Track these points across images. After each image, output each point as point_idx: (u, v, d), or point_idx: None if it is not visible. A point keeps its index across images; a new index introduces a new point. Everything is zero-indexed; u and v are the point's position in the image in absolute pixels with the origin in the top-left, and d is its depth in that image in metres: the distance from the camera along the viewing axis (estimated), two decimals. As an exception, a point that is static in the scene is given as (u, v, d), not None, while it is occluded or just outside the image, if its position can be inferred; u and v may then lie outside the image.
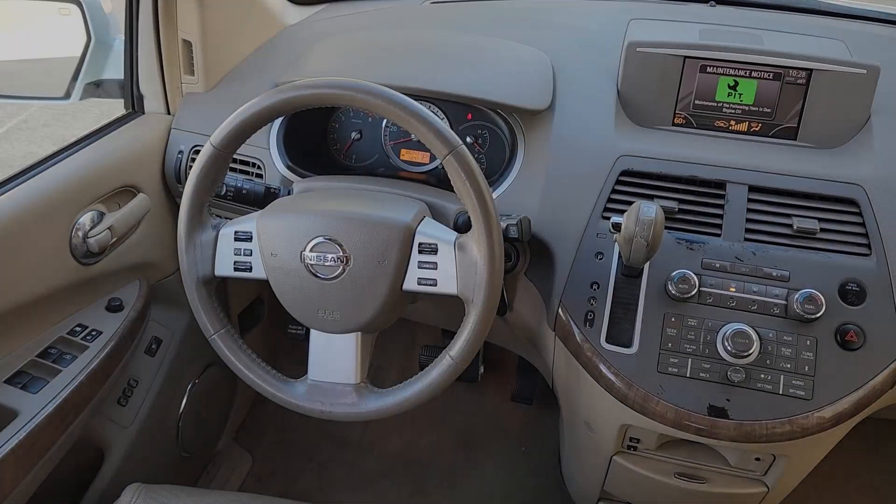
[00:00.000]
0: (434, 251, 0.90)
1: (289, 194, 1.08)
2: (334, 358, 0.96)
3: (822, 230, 1.02)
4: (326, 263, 0.90)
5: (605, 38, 1.30)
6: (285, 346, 1.96)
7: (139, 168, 1.25)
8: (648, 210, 0.89)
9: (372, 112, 0.88)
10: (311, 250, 0.90)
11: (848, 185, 1.04)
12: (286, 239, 0.92)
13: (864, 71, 1.10)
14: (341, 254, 0.90)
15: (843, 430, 1.02)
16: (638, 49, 1.15)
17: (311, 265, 0.91)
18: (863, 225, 1.01)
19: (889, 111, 1.14)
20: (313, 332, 0.96)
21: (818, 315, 0.94)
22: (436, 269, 0.90)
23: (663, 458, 1.11)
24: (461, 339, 0.89)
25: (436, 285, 0.91)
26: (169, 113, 1.34)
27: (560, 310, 1.02)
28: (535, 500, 1.76)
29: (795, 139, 1.14)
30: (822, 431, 0.94)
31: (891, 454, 1.89)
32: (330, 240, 0.90)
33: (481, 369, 1.27)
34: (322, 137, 1.33)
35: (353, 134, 1.32)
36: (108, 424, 1.28)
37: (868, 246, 1.00)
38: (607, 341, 0.99)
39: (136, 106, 1.33)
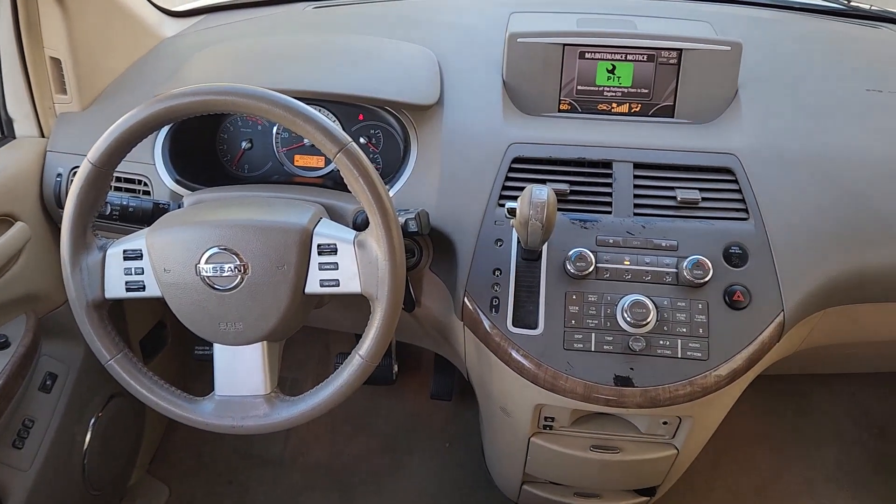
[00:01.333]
0: (334, 251, 0.90)
1: (179, 208, 1.05)
2: (241, 370, 0.93)
3: (704, 199, 1.07)
4: (224, 274, 0.88)
5: (487, 32, 1.33)
6: (194, 369, 1.89)
7: (14, 196, 1.19)
8: (540, 193, 0.92)
9: (257, 116, 0.87)
10: (206, 262, 0.88)
11: (723, 156, 1.11)
12: (179, 253, 0.89)
13: (729, 48, 1.16)
14: (238, 263, 0.88)
15: (739, 386, 1.07)
16: (519, 40, 1.18)
17: (208, 277, 0.88)
18: (739, 192, 1.08)
19: (754, 84, 1.22)
20: (217, 347, 0.94)
21: (707, 279, 0.99)
22: (337, 269, 0.90)
23: (578, 434, 1.14)
24: (369, 336, 0.89)
25: (339, 286, 0.90)
26: (43, 135, 1.27)
27: (466, 299, 1.03)
28: (463, 494, 1.77)
29: (673, 116, 1.19)
30: (720, 389, 0.99)
31: (787, 410, 2.02)
32: (225, 249, 0.88)
33: (395, 367, 1.27)
34: (211, 149, 1.30)
35: (244, 143, 1.29)
36: (2, 469, 1.20)
37: (746, 210, 1.06)
38: (514, 325, 1.01)
39: (4, 131, 1.26)
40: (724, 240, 1.04)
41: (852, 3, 1.63)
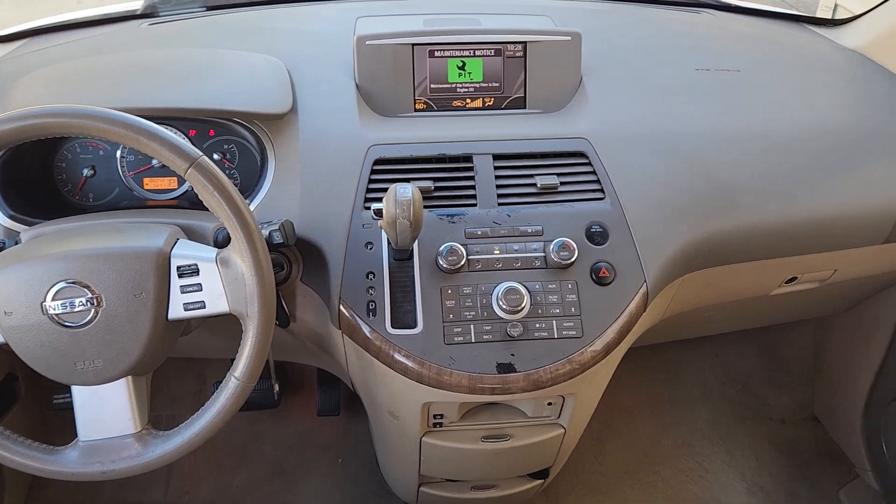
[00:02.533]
0: (195, 272, 0.85)
1: (16, 245, 0.96)
2: (106, 410, 0.87)
3: (562, 183, 1.11)
4: (75, 310, 0.81)
5: (335, 38, 1.32)
6: (56, 421, 1.74)
7: None
8: (405, 191, 0.91)
9: (96, 139, 0.81)
10: (53, 299, 0.81)
11: (575, 140, 1.15)
12: (20, 292, 0.81)
13: (569, 38, 1.21)
14: (90, 295, 0.81)
15: (614, 360, 1.12)
16: (367, 42, 1.17)
17: (57, 315, 0.81)
18: (594, 173, 1.12)
19: (596, 71, 1.28)
20: (76, 389, 0.86)
21: (573, 260, 1.02)
22: (201, 290, 0.85)
23: (468, 427, 1.14)
24: (243, 356, 0.85)
25: (205, 307, 0.86)
26: None
27: (341, 306, 1.01)
28: (362, 508, 1.75)
29: (525, 107, 1.23)
30: (597, 364, 1.02)
31: (660, 378, 2.13)
32: (74, 283, 0.81)
33: (276, 388, 1.23)
34: (49, 179, 1.20)
35: (86, 171, 1.21)
36: None
37: (602, 191, 1.11)
38: (393, 326, 1.00)
39: None
40: (585, 220, 1.08)
41: (674, -8, 1.75)
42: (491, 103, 1.22)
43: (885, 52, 1.46)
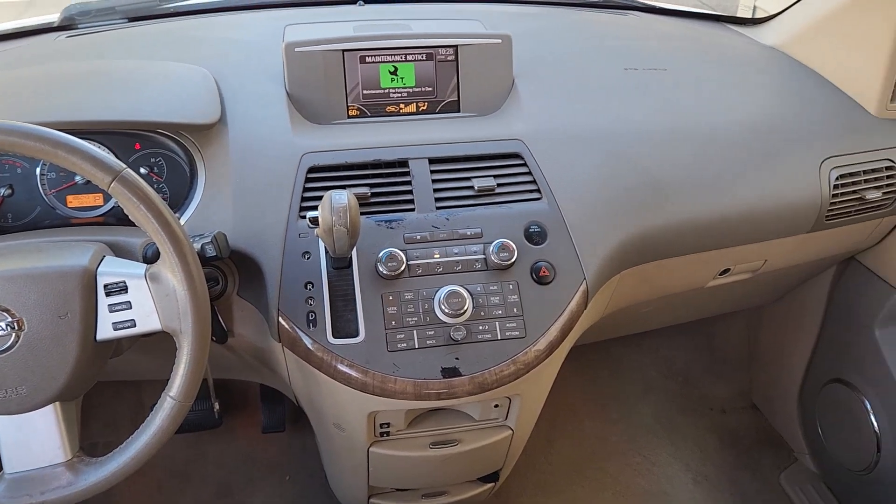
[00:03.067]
0: (124, 289, 0.82)
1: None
2: (33, 440, 0.82)
3: (500, 185, 1.11)
4: None
5: (264, 46, 1.29)
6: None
7: None
8: (340, 198, 0.90)
9: (10, 156, 0.77)
10: (-32, 325, 0.76)
11: (510, 142, 1.16)
12: (-69, 321, 0.76)
13: (500, 40, 1.22)
14: (10, 319, 0.77)
15: (558, 358, 1.12)
16: (296, 49, 1.15)
17: None
18: (530, 174, 1.13)
19: (528, 73, 1.29)
20: None
21: (513, 260, 1.03)
22: (130, 308, 0.82)
23: (416, 434, 1.13)
24: (179, 373, 0.82)
25: (135, 326, 0.82)
26: None
27: (280, 318, 0.99)
28: (311, 525, 1.71)
29: (459, 111, 1.23)
30: (541, 363, 1.02)
31: (604, 375, 2.16)
32: None
33: (216, 406, 1.19)
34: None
35: (3, 190, 1.15)
36: None
37: (538, 191, 1.12)
38: (334, 336, 0.98)
39: None
40: (524, 220, 1.08)
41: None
42: (425, 108, 1.22)
43: (801, 49, 1.51)
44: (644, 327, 1.81)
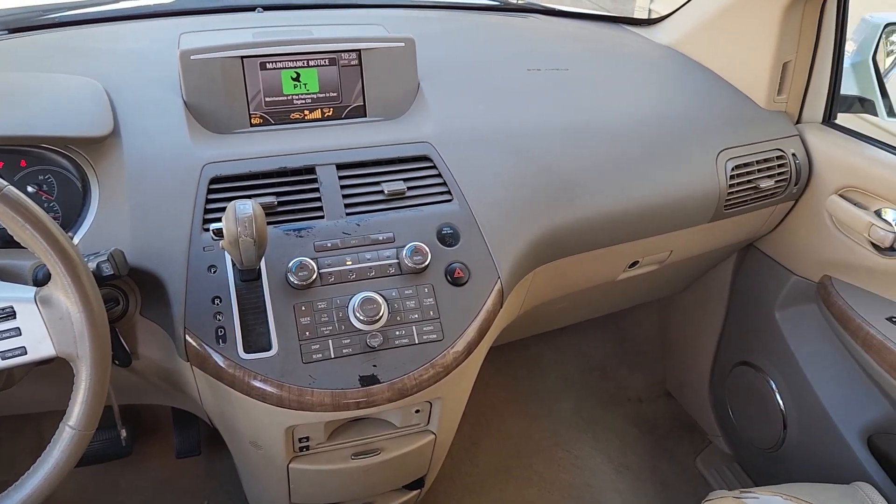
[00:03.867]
0: (11, 315, 0.76)
1: None
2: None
3: (410, 188, 1.10)
4: None
5: (159, 55, 1.24)
6: None
7: None
8: (244, 207, 0.87)
9: None
10: None
11: (418, 145, 1.15)
12: None
13: (403, 44, 1.21)
14: None
15: (476, 359, 1.12)
16: (192, 57, 1.11)
17: None
18: (439, 176, 1.13)
19: (433, 76, 1.28)
20: None
21: (427, 263, 1.02)
22: (20, 335, 0.77)
23: (337, 446, 1.11)
24: (77, 401, 0.77)
25: (26, 353, 0.77)
26: None
27: (187, 336, 0.95)
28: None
29: (366, 116, 1.21)
30: (460, 365, 1.02)
31: (524, 373, 2.19)
32: None
33: (123, 434, 1.12)
34: None
35: None
36: None
37: (449, 192, 1.11)
38: (246, 351, 0.94)
39: None
40: (436, 223, 1.08)
41: (502, 0, 1.81)
42: (330, 114, 1.20)
43: (693, 47, 1.58)
44: (560, 323, 1.84)
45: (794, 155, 1.42)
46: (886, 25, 1.41)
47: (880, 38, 1.42)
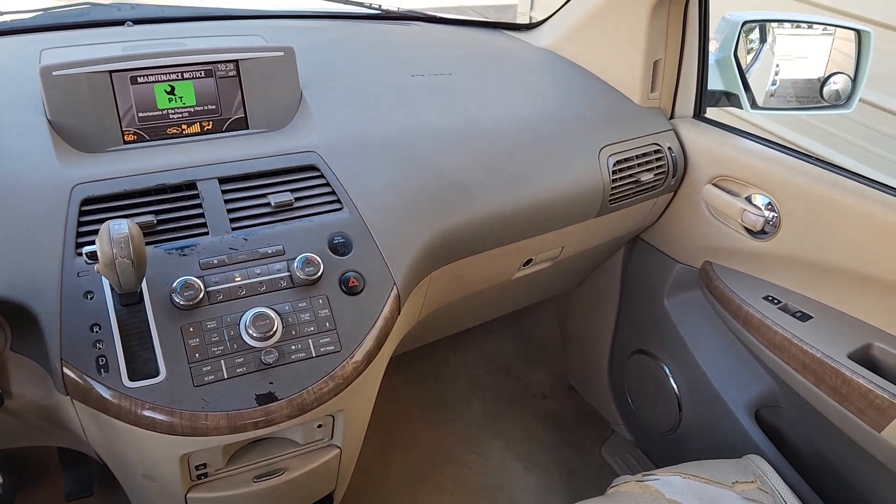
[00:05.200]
0: None
1: None
2: None
3: (298, 199, 1.08)
4: None
5: (18, 73, 1.17)
6: None
7: None
8: (119, 228, 0.83)
9: None
10: None
11: (304, 154, 1.13)
12: None
13: (282, 53, 1.19)
14: None
15: (379, 368, 1.11)
16: (55, 73, 1.05)
17: None
18: (328, 185, 1.11)
19: (316, 85, 1.27)
20: None
21: (320, 274, 1.00)
22: None
23: (237, 470, 1.06)
24: None
25: None
26: None
27: (65, 369, 0.89)
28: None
29: (248, 128, 1.18)
30: (361, 375, 1.00)
31: (431, 379, 2.19)
32: None
33: (0, 481, 1.04)
34: None
35: None
36: None
37: (338, 201, 1.10)
38: (131, 379, 0.89)
39: None
40: (327, 232, 1.06)
41: (384, 7, 1.81)
42: (210, 127, 1.16)
43: (570, 48, 1.63)
44: (463, 325, 1.85)
45: (669, 148, 1.49)
46: (744, 23, 1.50)
47: (739, 36, 1.51)
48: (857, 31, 1.57)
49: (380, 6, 1.83)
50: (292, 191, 1.09)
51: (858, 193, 1.23)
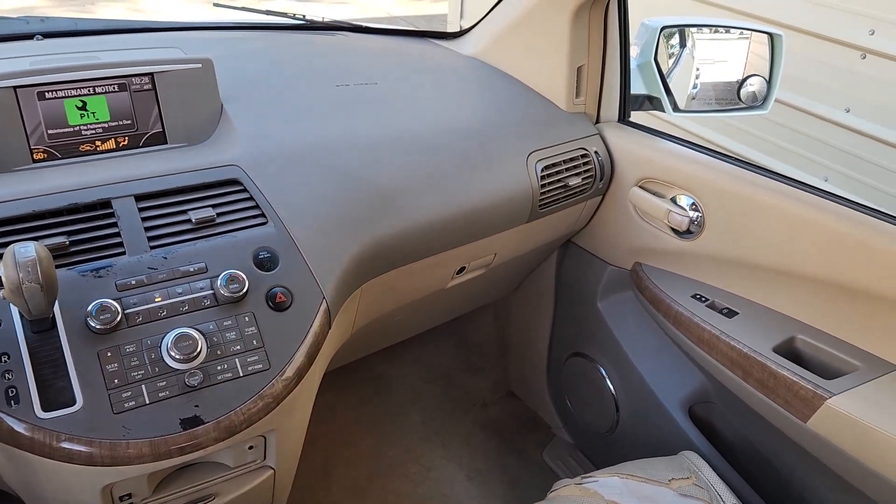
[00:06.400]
0: None
1: None
2: None
3: (220, 215, 1.05)
4: None
5: None
6: None
7: None
8: (25, 251, 0.78)
9: None
10: None
11: (225, 168, 1.10)
12: None
13: (200, 65, 1.15)
14: None
15: (311, 384, 1.08)
16: None
17: None
18: (251, 199, 1.08)
19: (238, 97, 1.24)
20: None
21: (245, 291, 0.97)
22: None
23: (166, 499, 1.02)
24: None
25: None
26: None
27: (-29, 403, 0.83)
28: None
29: (167, 143, 1.14)
30: (292, 392, 0.98)
31: (370, 393, 2.16)
32: None
33: None
34: None
35: None
36: None
37: (263, 215, 1.07)
38: (45, 410, 0.85)
39: None
40: (251, 248, 1.03)
41: (308, 17, 1.79)
42: (126, 143, 1.11)
43: (495, 56, 1.64)
44: (400, 337, 1.84)
45: (596, 153, 1.51)
46: (662, 28, 1.54)
47: (659, 41, 1.54)
48: (770, 35, 1.63)
49: (304, 16, 1.81)
50: (214, 206, 1.05)
51: (777, 191, 1.27)
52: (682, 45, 1.68)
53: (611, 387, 1.71)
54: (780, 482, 1.38)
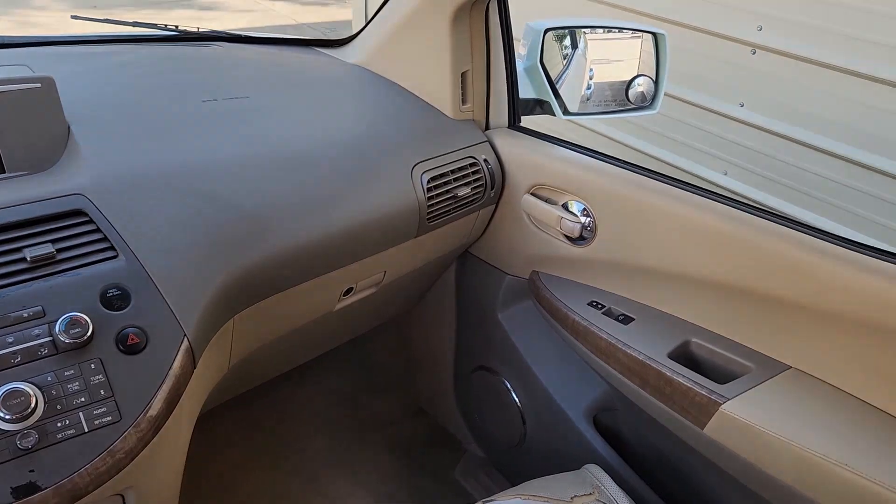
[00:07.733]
0: None
1: None
2: None
3: (61, 251, 0.94)
4: None
5: None
6: None
7: None
8: None
9: None
10: None
11: (68, 198, 0.99)
12: None
13: (39, 84, 1.04)
14: None
15: (177, 432, 0.98)
16: None
17: None
18: (98, 230, 0.97)
19: (88, 118, 1.13)
20: None
21: (89, 335, 0.87)
22: None
23: None
24: None
25: None
26: None
27: None
28: None
29: (4, 171, 1.02)
30: (148, 444, 0.88)
31: (273, 422, 2.05)
32: None
33: None
34: None
35: None
36: None
37: (112, 248, 0.96)
38: None
39: None
40: (99, 285, 0.92)
41: (181, 28, 1.68)
42: (-48, 173, 0.99)
43: (379, 64, 1.58)
44: (294, 363, 1.74)
45: (486, 160, 1.46)
46: (546, 30, 1.51)
47: (543, 43, 1.51)
48: (654, 34, 1.63)
49: (176, 27, 1.69)
50: (54, 241, 0.94)
51: (663, 193, 1.25)
52: (574, 46, 1.65)
53: (516, 399, 1.67)
54: (684, 489, 1.36)
